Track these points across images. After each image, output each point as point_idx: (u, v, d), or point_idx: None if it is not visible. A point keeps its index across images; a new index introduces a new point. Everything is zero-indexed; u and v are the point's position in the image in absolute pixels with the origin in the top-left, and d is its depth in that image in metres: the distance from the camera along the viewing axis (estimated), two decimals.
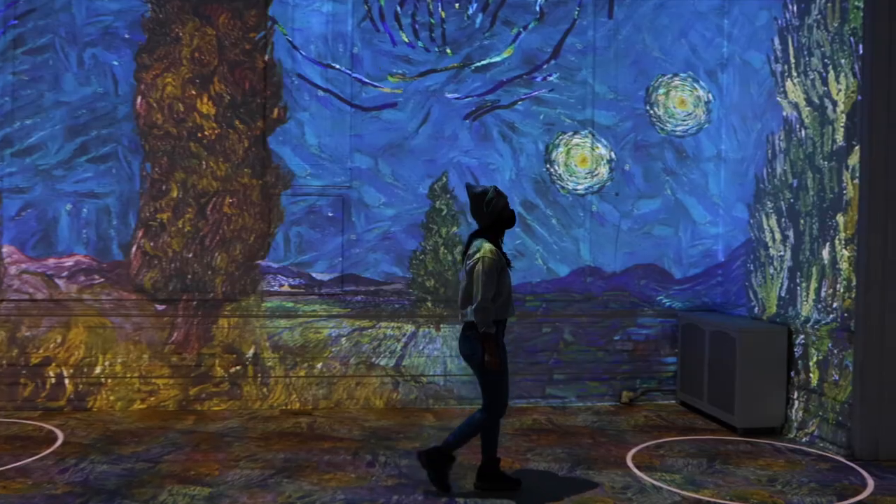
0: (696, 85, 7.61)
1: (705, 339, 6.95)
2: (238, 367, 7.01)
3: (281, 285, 7.04)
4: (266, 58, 6.99)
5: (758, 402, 6.45)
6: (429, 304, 7.21)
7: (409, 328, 7.20)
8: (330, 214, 7.07)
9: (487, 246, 4.78)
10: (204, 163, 6.92)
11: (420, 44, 7.16)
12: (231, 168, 6.96)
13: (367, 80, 7.09)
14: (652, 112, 7.53)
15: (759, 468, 5.52)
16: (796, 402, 6.44)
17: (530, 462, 5.62)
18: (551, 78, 7.33)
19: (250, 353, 7.02)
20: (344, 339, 7.11)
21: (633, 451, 5.91)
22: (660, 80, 7.54)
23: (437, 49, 7.17)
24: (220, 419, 6.68)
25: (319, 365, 7.10)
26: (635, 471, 5.41)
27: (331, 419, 6.72)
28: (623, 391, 7.48)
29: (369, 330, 7.14)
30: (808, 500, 4.88)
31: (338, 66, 7.06)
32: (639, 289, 7.57)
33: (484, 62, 7.24)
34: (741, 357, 6.42)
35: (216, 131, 6.93)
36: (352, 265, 7.12)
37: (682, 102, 7.59)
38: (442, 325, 7.21)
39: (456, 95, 7.20)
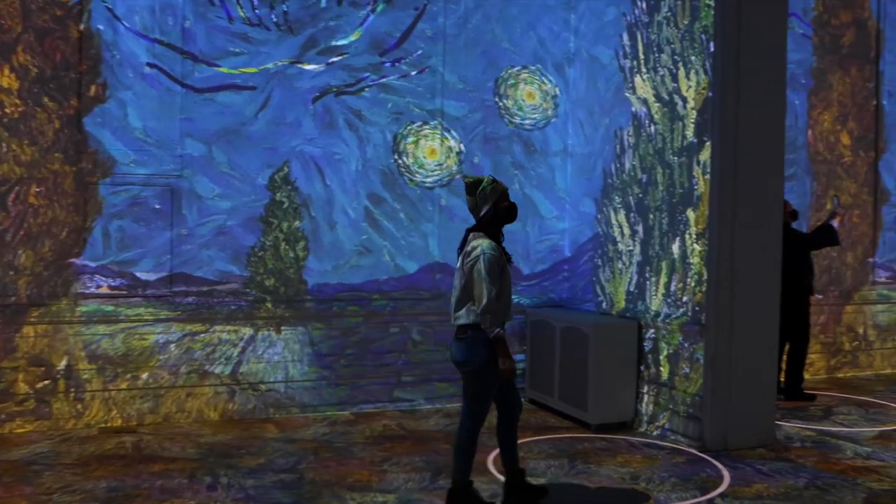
0: (543, 78, 7.52)
1: (556, 336, 6.85)
2: (46, 382, 6.07)
3: (99, 286, 6.17)
4: (81, 27, 6.09)
5: (610, 398, 6.42)
6: (268, 304, 6.62)
7: (247, 332, 6.57)
8: (157, 207, 6.30)
9: (487, 242, 4.37)
10: (4, 145, 5.93)
11: (260, 21, 6.54)
12: (38, 152, 6.00)
13: (200, 58, 6.37)
14: (501, 104, 7.35)
15: (620, 465, 5.43)
16: (646, 396, 6.46)
17: (388, 474, 5.22)
18: (400, 64, 6.95)
19: (62, 364, 6.10)
20: (173, 345, 6.37)
21: (493, 454, 5.65)
22: (509, 71, 7.37)
23: (278, 28, 6.58)
24: (25, 443, 5.75)
25: (145, 375, 6.31)
26: (499, 476, 5.15)
27: (160, 436, 5.99)
28: None
29: (202, 335, 6.44)
30: (674, 497, 4.83)
31: (167, 42, 6.29)
32: None
33: (329, 45, 6.74)
34: (594, 353, 6.36)
35: (20, 109, 5.94)
36: (182, 263, 6.38)
37: (530, 95, 7.46)
38: (283, 328, 6.65)
39: (299, 79, 6.65)
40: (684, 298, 6.12)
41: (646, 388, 6.47)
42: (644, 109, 6.59)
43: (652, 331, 6.44)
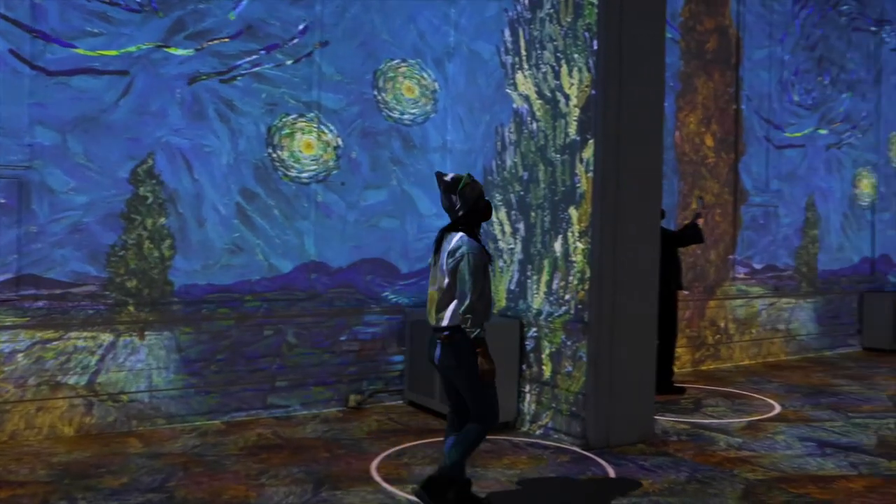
0: (423, 73, 7.35)
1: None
2: None
3: None
4: None
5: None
6: (131, 308, 6.11)
7: (107, 338, 6.03)
8: (2, 201, 5.66)
9: (470, 241, 4.30)
10: None
11: (122, 1, 6.00)
12: None
13: (52, 38, 5.78)
14: (380, 98, 7.12)
15: (507, 468, 5.34)
16: (528, 395, 6.42)
17: (267, 488, 4.88)
18: (275, 52, 6.59)
19: None
20: (21, 355, 5.75)
21: (376, 461, 5.44)
22: (388, 64, 7.15)
23: (142, 9, 6.07)
24: None
25: None
26: (385, 485, 4.94)
27: (5, 457, 5.38)
28: (350, 395, 6.99)
29: (55, 342, 5.86)
30: (568, 498, 4.78)
31: (12, 18, 5.66)
32: (365, 285, 7.13)
33: (199, 29, 6.28)
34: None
35: None
36: (31, 264, 5.76)
37: (409, 90, 7.27)
38: (147, 333, 6.16)
39: (165, 65, 6.16)
40: (567, 297, 6.11)
41: (528, 388, 6.43)
42: (526, 106, 6.54)
43: (534, 329, 6.41)
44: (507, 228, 6.76)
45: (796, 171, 10.30)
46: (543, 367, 6.29)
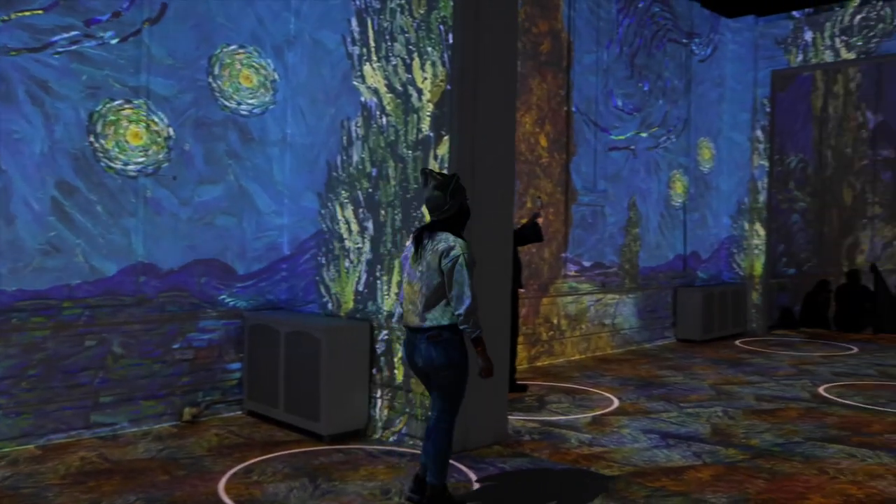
0: (262, 61, 6.89)
1: (280, 341, 6.30)
2: None
3: None
4: None
5: (343, 406, 6.02)
6: None
7: None
8: None
9: (462, 241, 4.36)
10: None
11: None
12: None
13: None
14: (215, 85, 6.59)
15: (366, 479, 5.06)
16: (380, 401, 6.17)
17: None
18: (97, 29, 5.90)
19: None
20: None
21: (223, 481, 4.98)
22: (224, 49, 6.63)
23: None
24: None
25: None
26: None
27: None
28: (184, 408, 6.42)
29: None
30: None
31: None
32: (199, 287, 6.58)
33: None
34: (326, 359, 5.92)
35: None
36: None
37: (247, 78, 6.79)
38: None
39: None
40: None
41: (379, 393, 6.18)
42: (375, 100, 6.28)
43: (385, 332, 6.16)
44: (355, 227, 6.47)
45: (621, 172, 10.74)
46: (396, 371, 6.07)
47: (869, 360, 10.32)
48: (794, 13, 12.47)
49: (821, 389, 8.25)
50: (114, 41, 5.98)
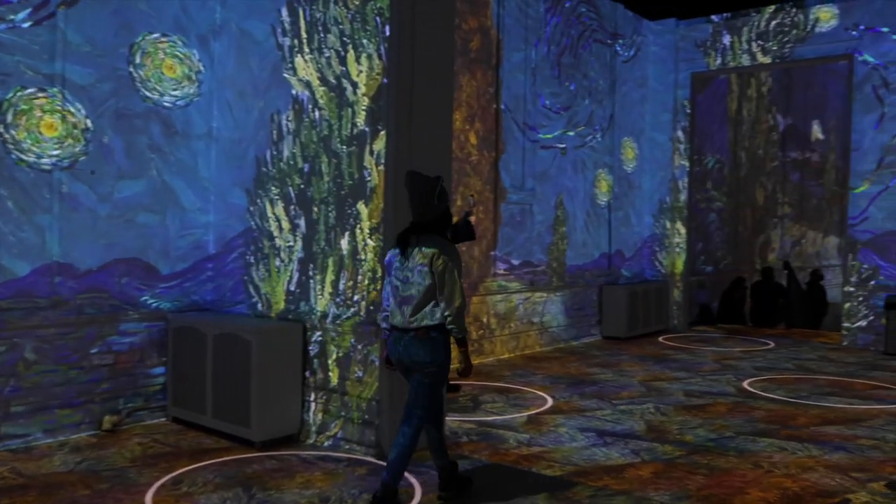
0: (186, 50, 6.58)
1: (208, 344, 6.02)
2: None
3: None
4: None
5: (275, 411, 5.80)
6: None
7: None
8: None
9: (450, 244, 4.48)
10: None
11: None
12: None
13: None
14: (137, 75, 6.25)
15: (303, 487, 4.86)
16: (314, 405, 5.97)
17: None
18: (4, 10, 5.49)
19: None
20: None
21: (150, 493, 4.71)
22: (146, 38, 6.30)
23: None
24: None
25: None
26: None
27: None
28: (104, 416, 6.07)
29: None
30: None
31: None
32: (120, 288, 6.23)
33: None
34: (258, 362, 5.68)
35: None
36: None
37: (170, 69, 6.47)
38: None
39: None
40: (356, 297, 5.74)
41: (313, 396, 5.97)
42: (307, 93, 6.06)
43: (319, 333, 5.96)
44: (286, 225, 6.24)
45: (548, 170, 10.77)
46: (330, 374, 5.87)
47: (785, 355, 10.64)
48: (714, 17, 12.77)
49: (745, 384, 8.43)
50: (26, 24, 5.59)
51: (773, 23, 12.17)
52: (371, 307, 5.62)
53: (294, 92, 6.16)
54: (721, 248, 15.93)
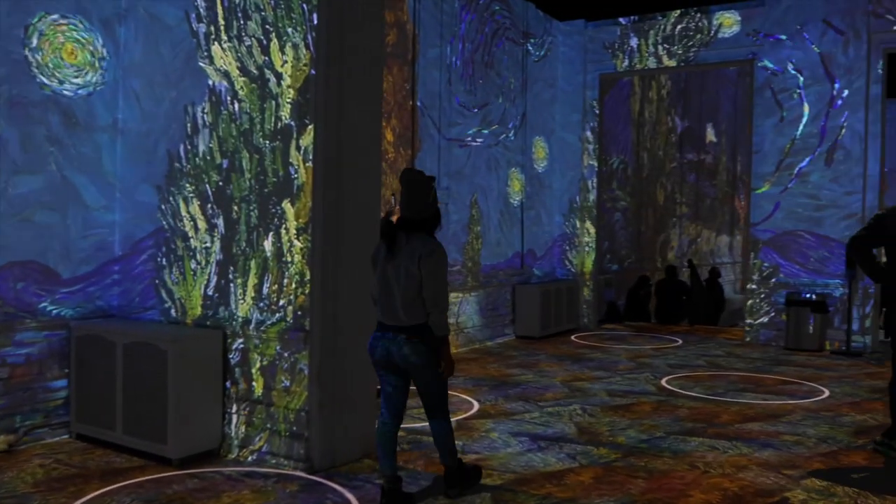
0: (88, 35, 6.05)
1: (117, 354, 5.55)
2: None
3: None
4: None
5: (194, 425, 5.38)
6: None
7: None
8: None
9: (438, 243, 4.46)
10: None
11: None
12: None
13: None
14: (34, 60, 5.70)
15: None
16: (236, 417, 5.58)
17: None
18: None
19: None
20: None
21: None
22: (44, 18, 5.75)
23: None
24: None
25: None
26: None
27: None
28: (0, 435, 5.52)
29: None
30: None
31: None
32: (15, 294, 5.67)
33: None
34: (174, 372, 5.26)
35: None
36: None
37: (71, 54, 5.94)
38: None
39: None
40: (281, 302, 5.40)
41: (235, 408, 5.59)
42: (225, 83, 5.67)
43: (241, 340, 5.58)
44: (202, 224, 5.82)
45: (463, 169, 10.62)
46: (254, 384, 5.50)
47: (695, 351, 10.85)
48: (621, 20, 12.93)
49: (663, 382, 8.50)
50: None
51: (679, 27, 12.43)
52: (299, 312, 5.29)
53: (211, 82, 5.75)
54: (626, 247, 16.22)
